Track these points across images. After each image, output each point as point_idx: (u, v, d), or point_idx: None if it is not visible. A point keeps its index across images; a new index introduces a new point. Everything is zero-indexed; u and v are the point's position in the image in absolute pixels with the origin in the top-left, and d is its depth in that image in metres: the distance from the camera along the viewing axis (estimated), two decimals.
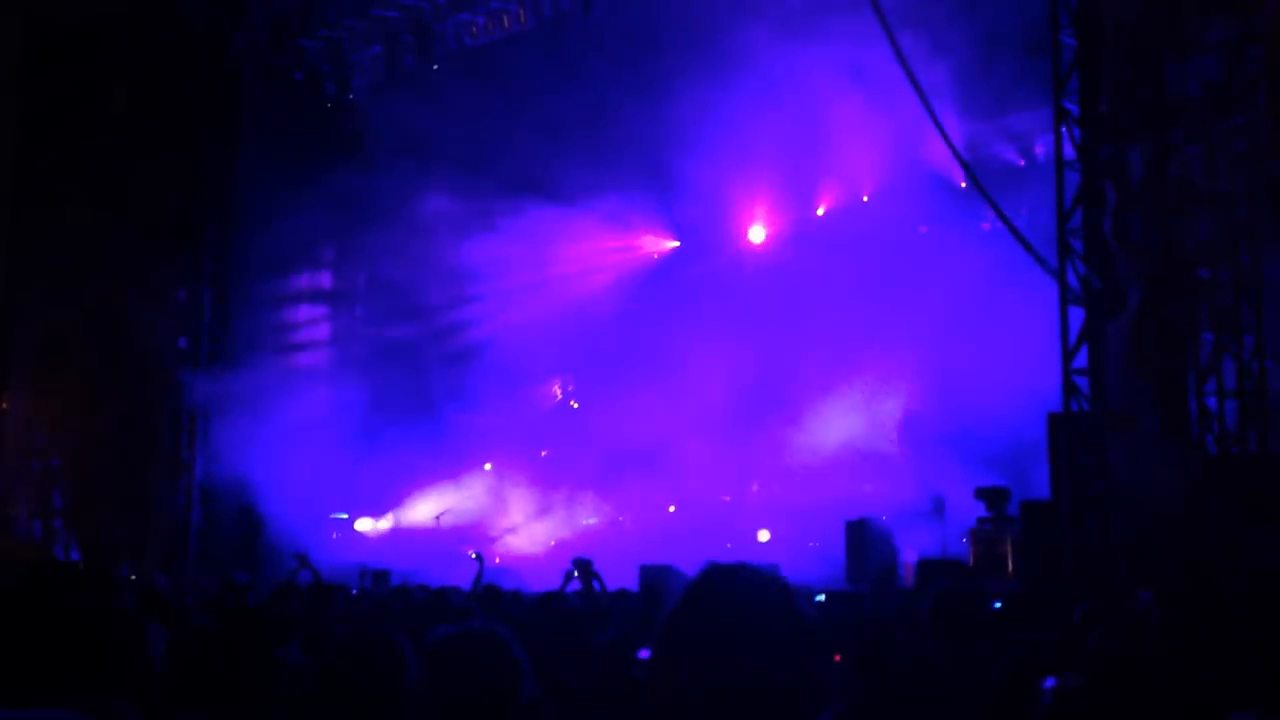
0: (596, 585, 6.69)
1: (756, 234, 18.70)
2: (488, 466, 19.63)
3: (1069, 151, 11.67)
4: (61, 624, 2.71)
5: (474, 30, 17.48)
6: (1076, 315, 11.40)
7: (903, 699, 3.82)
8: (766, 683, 1.69)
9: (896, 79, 12.70)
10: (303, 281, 19.09)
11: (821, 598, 10.68)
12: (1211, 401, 10.54)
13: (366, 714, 3.03)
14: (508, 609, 7.93)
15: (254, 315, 18.25)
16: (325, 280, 19.26)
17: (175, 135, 17.04)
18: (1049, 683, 3.21)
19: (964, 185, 14.79)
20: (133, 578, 10.76)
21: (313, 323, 19.16)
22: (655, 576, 11.78)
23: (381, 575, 15.61)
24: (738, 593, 1.76)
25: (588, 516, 18.36)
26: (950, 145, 12.40)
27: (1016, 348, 12.95)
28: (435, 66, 18.16)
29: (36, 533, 16.29)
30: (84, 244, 16.78)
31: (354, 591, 13.03)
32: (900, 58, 12.03)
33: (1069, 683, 3.22)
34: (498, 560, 17.22)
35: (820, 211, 18.01)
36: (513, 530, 18.59)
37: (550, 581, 10.12)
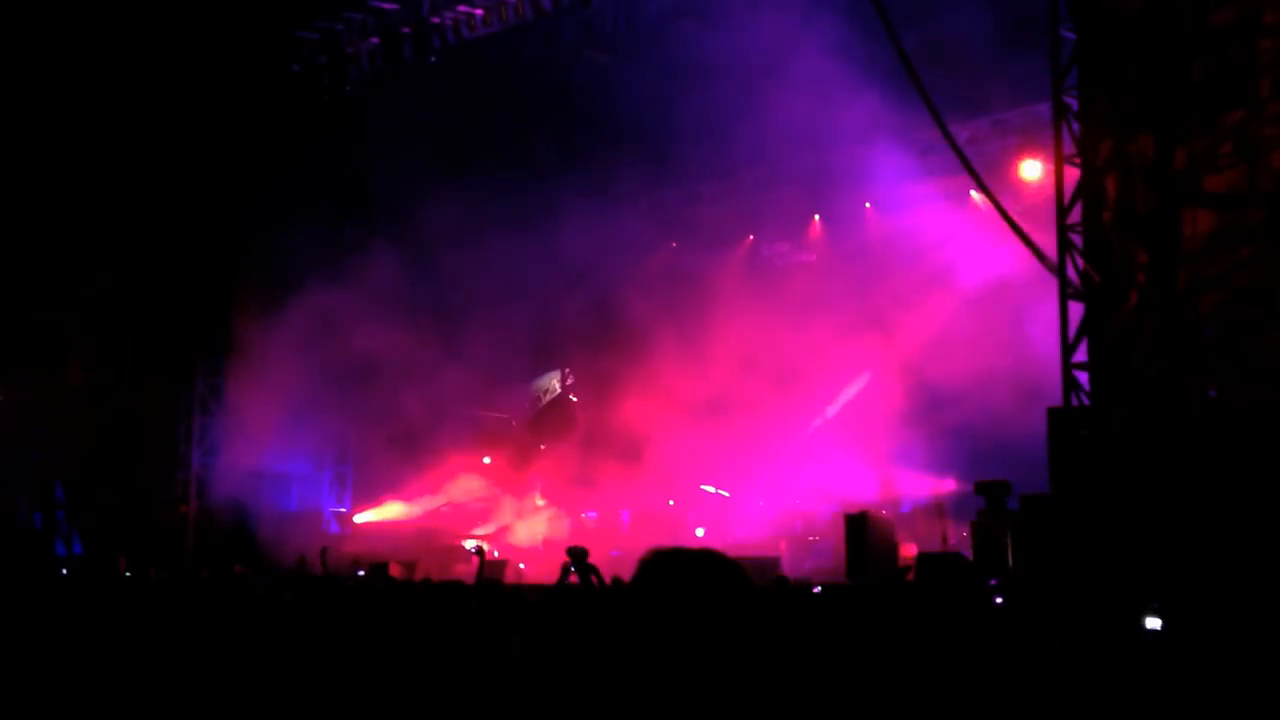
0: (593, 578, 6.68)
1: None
2: (486, 460, 19.67)
3: (1068, 146, 11.65)
4: None
5: (472, 23, 17.43)
6: (1076, 310, 11.38)
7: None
8: (706, 628, 2.11)
9: (894, 73, 12.67)
10: (303, 276, 19.05)
11: (818, 589, 10.71)
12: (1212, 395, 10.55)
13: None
14: (509, 602, 7.94)
15: (254, 310, 18.23)
16: (326, 274, 19.22)
17: (175, 130, 16.99)
18: None
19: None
20: None
21: (312, 317, 19.14)
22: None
23: (380, 567, 15.61)
24: (680, 564, 2.22)
25: (586, 510, 18.41)
26: (953, 145, 12.37)
27: (1018, 342, 12.96)
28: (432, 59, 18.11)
29: (37, 525, 16.29)
30: (84, 237, 16.75)
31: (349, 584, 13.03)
32: (904, 58, 11.98)
33: None
34: (495, 554, 17.25)
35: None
36: (511, 524, 18.61)
37: (549, 574, 10.13)
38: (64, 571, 14.70)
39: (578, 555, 6.31)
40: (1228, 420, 10.12)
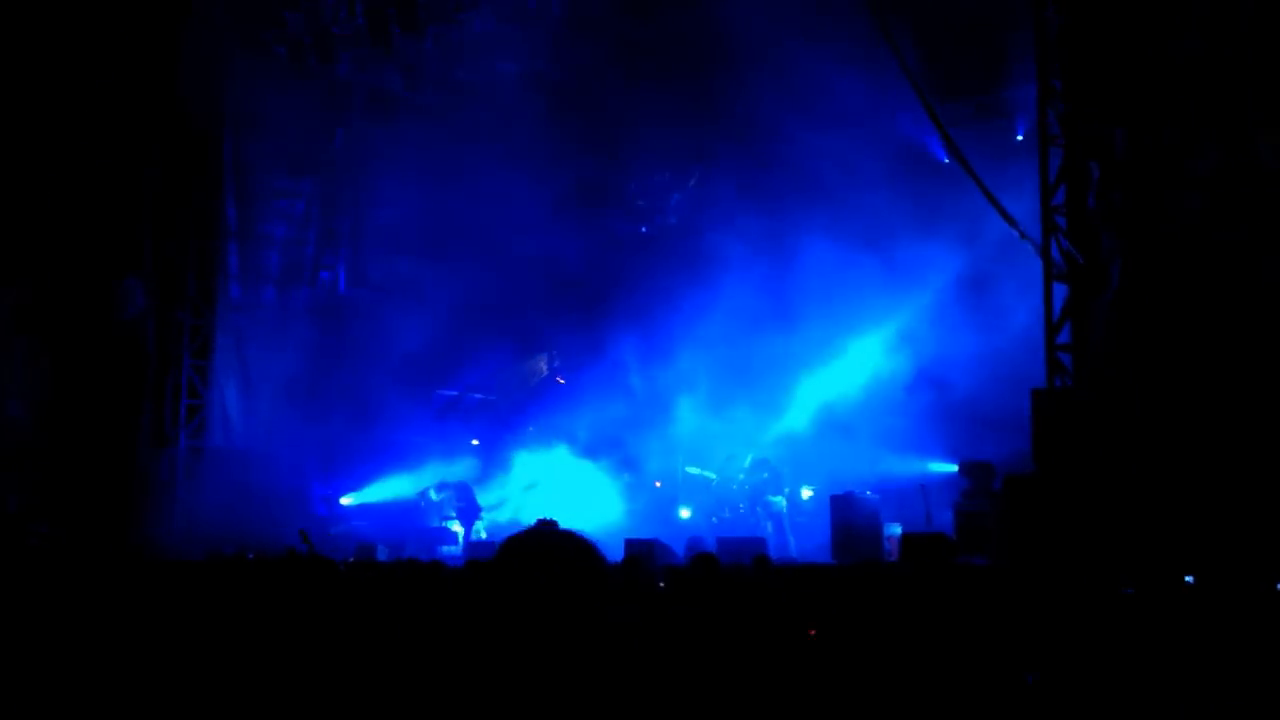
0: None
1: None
2: (475, 442, 19.68)
3: (1053, 127, 11.68)
4: None
5: (460, 2, 17.36)
6: (1060, 291, 11.42)
7: None
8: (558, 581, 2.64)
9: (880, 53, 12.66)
10: (289, 254, 19.00)
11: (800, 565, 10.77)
12: None
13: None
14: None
15: (239, 287, 18.17)
16: (311, 253, 19.18)
17: (159, 105, 16.88)
18: None
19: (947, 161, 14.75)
20: None
21: (300, 297, 19.09)
22: (640, 550, 11.82)
23: (368, 548, 15.62)
24: (542, 537, 2.78)
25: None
26: (937, 122, 12.39)
27: (1003, 322, 13.00)
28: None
29: (11, 507, 16.16)
30: (62, 212, 16.63)
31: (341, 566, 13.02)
32: (889, 37, 12.00)
33: None
34: (484, 535, 17.28)
35: None
36: (499, 505, 18.63)
37: None
38: (38, 551, 14.66)
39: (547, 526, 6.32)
40: (1209, 403, 10.17)
